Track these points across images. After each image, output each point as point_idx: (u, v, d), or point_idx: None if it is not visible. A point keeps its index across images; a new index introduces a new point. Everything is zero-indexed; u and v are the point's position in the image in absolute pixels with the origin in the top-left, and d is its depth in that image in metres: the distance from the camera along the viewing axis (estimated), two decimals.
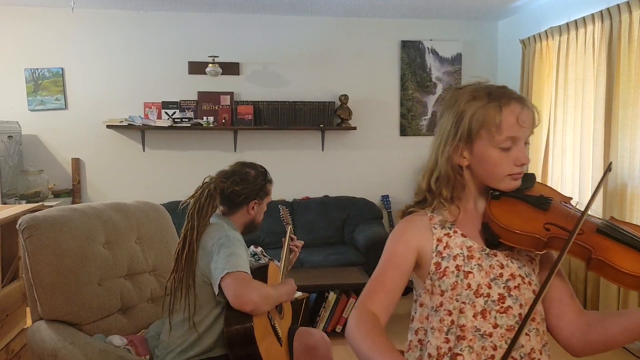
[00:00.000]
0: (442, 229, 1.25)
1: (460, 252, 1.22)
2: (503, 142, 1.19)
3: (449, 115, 1.25)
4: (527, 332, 1.21)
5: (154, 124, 4.86)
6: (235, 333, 1.90)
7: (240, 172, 2.15)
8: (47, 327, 2.06)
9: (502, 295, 1.20)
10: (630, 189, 3.57)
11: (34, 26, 4.81)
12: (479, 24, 5.45)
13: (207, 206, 2.02)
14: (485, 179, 1.25)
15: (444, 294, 1.22)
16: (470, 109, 1.21)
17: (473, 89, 1.24)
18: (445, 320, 1.21)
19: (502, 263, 1.22)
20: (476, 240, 1.25)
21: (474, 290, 1.20)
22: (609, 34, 3.70)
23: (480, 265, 1.21)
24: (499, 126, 1.18)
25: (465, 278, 1.20)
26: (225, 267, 1.88)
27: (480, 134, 1.20)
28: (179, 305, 2.00)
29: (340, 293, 3.87)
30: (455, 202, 1.27)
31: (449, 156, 1.24)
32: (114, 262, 2.31)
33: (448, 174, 1.24)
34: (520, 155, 1.21)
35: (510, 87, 1.26)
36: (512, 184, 1.24)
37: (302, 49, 5.20)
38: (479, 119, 1.19)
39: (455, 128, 1.22)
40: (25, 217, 2.15)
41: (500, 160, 1.21)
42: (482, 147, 1.21)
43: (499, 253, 1.23)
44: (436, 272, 1.23)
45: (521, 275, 1.23)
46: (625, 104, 3.57)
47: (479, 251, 1.23)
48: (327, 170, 5.33)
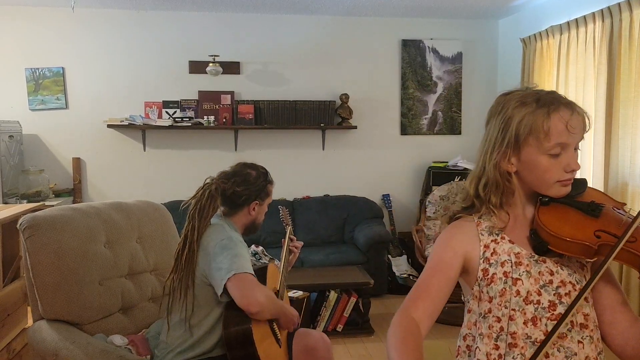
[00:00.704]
0: (489, 235, 1.25)
1: (507, 259, 1.21)
2: (552, 148, 1.18)
3: (496, 122, 1.23)
4: (581, 340, 1.19)
5: (154, 123, 4.86)
6: (233, 335, 1.90)
7: (242, 173, 2.15)
8: (48, 327, 2.06)
9: (553, 302, 1.19)
10: (631, 187, 3.57)
11: (35, 26, 4.81)
12: (479, 23, 5.44)
13: (208, 207, 2.02)
14: (534, 186, 1.23)
15: (492, 301, 1.21)
16: (518, 115, 1.19)
17: (521, 94, 1.23)
18: (494, 326, 1.20)
19: (552, 270, 1.21)
20: (524, 246, 1.23)
21: (523, 297, 1.19)
22: (609, 32, 3.70)
23: (529, 272, 1.20)
24: (547, 133, 1.17)
25: (514, 285, 1.19)
26: (232, 268, 1.88)
27: (528, 141, 1.18)
28: (177, 306, 2.00)
29: (341, 292, 3.87)
30: (504, 208, 1.26)
31: (496, 162, 1.22)
32: (115, 262, 2.31)
33: (497, 180, 1.23)
34: (571, 162, 1.19)
35: (554, 90, 1.24)
36: (562, 190, 1.22)
37: (302, 48, 5.20)
38: (527, 126, 1.18)
39: (502, 134, 1.21)
40: (26, 216, 2.15)
41: (549, 166, 1.19)
42: (531, 153, 1.19)
43: (548, 260, 1.22)
44: (484, 278, 1.22)
45: (572, 282, 1.21)
46: (626, 103, 3.57)
47: (527, 258, 1.22)
48: (327, 170, 5.33)
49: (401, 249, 5.01)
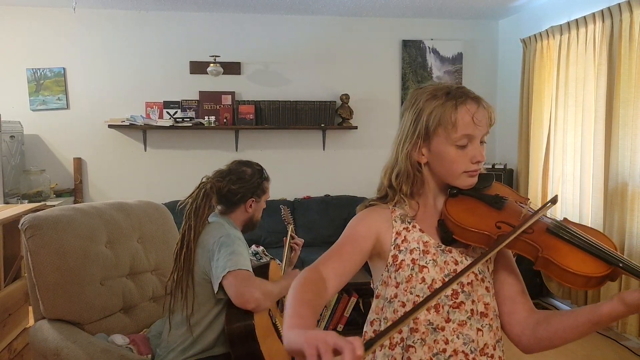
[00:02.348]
0: (401, 222, 1.29)
1: (416, 247, 1.26)
2: (459, 139, 1.23)
3: (409, 114, 1.29)
4: (480, 328, 1.24)
5: (155, 123, 4.87)
6: (236, 331, 1.91)
7: (237, 170, 2.15)
8: (50, 327, 2.07)
9: (455, 291, 1.23)
10: (631, 187, 3.58)
11: (36, 26, 4.82)
12: (479, 23, 5.45)
13: (204, 206, 2.03)
14: (443, 176, 1.28)
15: (398, 286, 1.24)
16: (429, 107, 1.24)
17: (433, 88, 1.28)
18: (398, 311, 1.24)
19: (457, 259, 1.26)
20: (433, 236, 1.28)
21: (428, 284, 1.22)
22: (609, 33, 3.71)
23: (435, 261, 1.24)
24: (454, 124, 1.22)
25: (420, 272, 1.23)
26: (227, 266, 1.89)
27: (437, 132, 1.24)
28: (178, 305, 2.01)
29: (341, 292, 3.88)
30: (415, 197, 1.31)
31: (408, 153, 1.28)
32: (116, 262, 2.32)
33: (407, 170, 1.28)
34: (476, 153, 1.25)
35: (463, 85, 1.30)
36: (469, 180, 1.27)
37: (303, 48, 5.21)
38: (436, 117, 1.23)
39: (414, 126, 1.26)
40: (27, 216, 2.16)
41: (456, 157, 1.24)
42: (440, 144, 1.25)
43: (454, 250, 1.26)
44: (393, 264, 1.26)
45: (474, 272, 1.25)
46: (626, 103, 3.57)
47: (434, 247, 1.26)
48: (328, 170, 5.33)
49: None
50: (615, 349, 3.61)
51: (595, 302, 3.87)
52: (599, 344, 3.65)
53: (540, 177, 4.58)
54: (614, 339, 3.71)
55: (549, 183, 4.51)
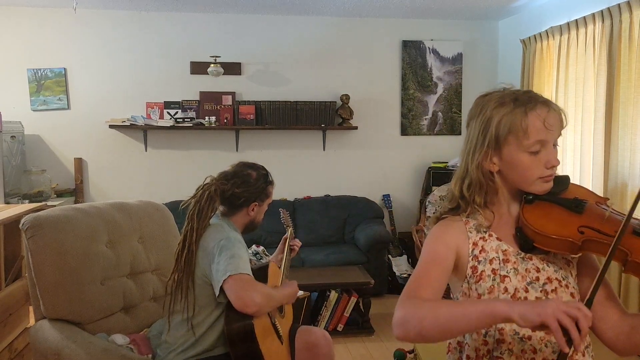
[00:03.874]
0: (477, 233, 1.26)
1: (495, 256, 1.23)
2: (531, 146, 1.20)
3: (476, 123, 1.26)
4: None
5: (156, 123, 4.88)
6: (235, 332, 1.92)
7: (242, 173, 2.13)
8: (50, 326, 2.07)
9: (540, 298, 1.20)
10: (631, 187, 3.58)
11: (37, 26, 4.83)
12: (479, 24, 5.45)
13: (207, 208, 2.02)
14: (517, 183, 1.25)
15: (480, 297, 1.22)
16: (497, 115, 1.21)
17: (499, 95, 1.25)
18: None
19: (538, 267, 1.23)
20: (511, 244, 1.25)
21: (511, 293, 1.20)
22: (609, 33, 3.71)
23: (516, 269, 1.22)
24: (525, 131, 1.19)
25: (502, 282, 1.21)
26: (227, 270, 1.89)
27: (508, 140, 1.21)
28: (179, 306, 2.00)
29: (342, 292, 3.88)
30: (489, 207, 1.28)
31: (479, 163, 1.24)
32: (117, 262, 2.32)
33: (480, 180, 1.25)
34: (550, 158, 1.22)
35: (530, 89, 1.27)
36: (544, 186, 1.24)
37: (303, 48, 5.21)
38: (505, 125, 1.20)
39: (483, 135, 1.23)
40: (28, 216, 2.16)
41: (530, 164, 1.21)
42: (511, 152, 1.21)
43: (534, 257, 1.24)
44: (473, 275, 1.23)
45: (558, 278, 1.23)
46: (626, 103, 3.58)
47: (514, 255, 1.23)
48: (328, 170, 5.34)
49: (401, 249, 5.02)
50: None
51: None
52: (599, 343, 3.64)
53: None
54: None
55: None
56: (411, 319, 1.10)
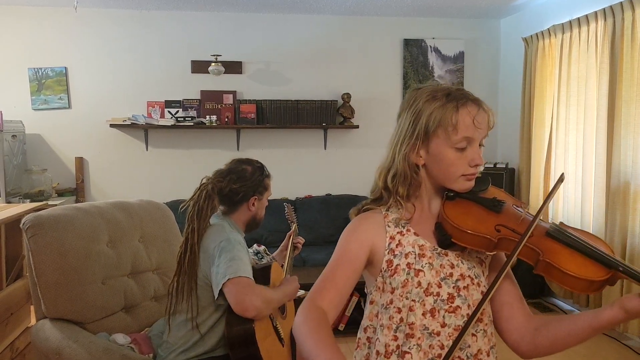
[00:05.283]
0: (395, 227, 1.27)
1: (412, 250, 1.23)
2: (459, 142, 1.21)
3: (407, 114, 1.27)
4: (474, 333, 1.23)
5: (157, 123, 4.87)
6: (236, 334, 1.90)
7: (237, 169, 2.13)
8: (51, 326, 2.07)
9: (452, 294, 1.22)
10: (634, 187, 3.57)
11: (37, 25, 4.82)
12: (481, 22, 5.44)
13: (206, 207, 2.01)
14: (440, 179, 1.26)
15: (394, 292, 1.22)
16: (428, 108, 1.22)
17: (432, 89, 1.26)
18: (394, 317, 1.22)
19: (453, 263, 1.24)
20: (428, 239, 1.26)
21: (424, 288, 1.21)
22: (611, 31, 3.70)
23: (431, 264, 1.23)
24: (455, 126, 1.20)
25: (416, 276, 1.21)
26: (227, 273, 1.87)
27: (437, 133, 1.22)
28: (181, 307, 2.00)
29: None
30: (411, 200, 1.29)
31: (405, 154, 1.25)
32: (118, 261, 2.32)
33: (405, 171, 1.26)
34: (475, 156, 1.23)
35: (462, 87, 1.29)
36: (466, 184, 1.26)
37: (304, 47, 5.21)
38: (436, 118, 1.21)
39: (412, 127, 1.24)
40: (29, 216, 2.16)
41: (455, 160, 1.22)
42: (439, 146, 1.23)
43: (450, 253, 1.25)
44: (388, 269, 1.23)
45: (470, 276, 1.24)
46: (628, 102, 3.57)
47: (430, 250, 1.24)
48: (329, 169, 5.33)
49: None
50: (617, 349, 3.61)
51: (597, 301, 3.86)
52: (600, 344, 3.64)
53: (542, 176, 4.57)
54: (616, 339, 3.71)
55: (551, 182, 4.50)
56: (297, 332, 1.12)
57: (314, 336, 1.07)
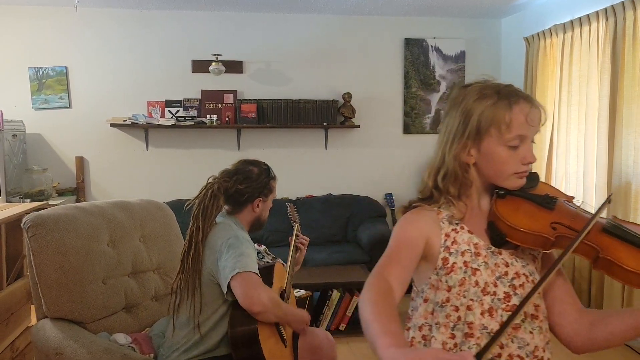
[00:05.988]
0: (449, 224, 1.25)
1: (467, 249, 1.22)
2: (512, 140, 1.20)
3: (455, 113, 1.24)
4: (531, 330, 1.21)
5: (157, 122, 4.87)
6: (239, 335, 1.90)
7: (243, 170, 2.14)
8: (52, 325, 2.07)
9: (508, 293, 1.21)
10: (635, 186, 3.56)
11: (38, 25, 4.82)
12: (482, 22, 5.44)
13: (212, 207, 2.02)
14: (492, 177, 1.25)
15: (450, 290, 1.21)
16: (479, 107, 1.20)
17: (481, 86, 1.24)
18: (451, 316, 1.21)
19: (507, 261, 1.23)
20: (482, 237, 1.25)
21: (481, 287, 1.20)
22: (613, 31, 3.69)
23: (487, 263, 1.22)
24: (508, 124, 1.19)
25: (473, 275, 1.21)
26: (236, 267, 1.88)
27: (489, 132, 1.20)
28: (184, 306, 2.00)
29: (344, 291, 3.87)
30: (462, 199, 1.27)
31: (456, 154, 1.23)
32: (118, 261, 2.32)
33: (456, 171, 1.24)
34: (528, 154, 1.22)
35: (514, 85, 1.27)
36: (518, 182, 1.24)
37: (305, 47, 5.20)
38: (488, 117, 1.20)
39: (463, 126, 1.22)
40: (29, 215, 2.16)
41: (508, 158, 1.21)
42: (491, 145, 1.21)
43: (503, 251, 1.24)
44: (443, 267, 1.22)
45: (525, 274, 1.23)
46: (630, 101, 3.56)
47: (484, 249, 1.23)
48: (330, 169, 5.33)
49: None
50: (620, 349, 3.59)
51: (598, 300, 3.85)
52: None
53: (543, 175, 4.56)
54: None
55: (552, 182, 4.50)
56: (362, 296, 1.09)
57: (377, 318, 1.02)
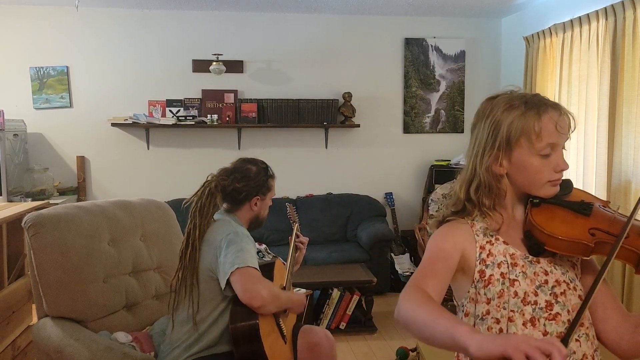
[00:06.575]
0: (484, 236, 1.25)
1: (504, 260, 1.22)
2: (543, 149, 1.20)
3: (484, 125, 1.24)
4: (577, 338, 1.20)
5: (158, 122, 4.88)
6: (240, 330, 1.91)
7: (241, 168, 2.15)
8: (53, 324, 2.08)
9: (549, 302, 1.20)
10: (635, 185, 3.57)
11: (39, 25, 4.83)
12: (482, 21, 5.44)
13: (209, 204, 2.03)
14: (525, 187, 1.25)
15: (490, 302, 1.21)
16: (508, 117, 1.20)
17: (508, 97, 1.24)
18: (493, 328, 1.20)
19: (546, 270, 1.22)
20: (518, 247, 1.24)
21: (521, 298, 1.19)
22: (613, 30, 3.69)
23: (525, 273, 1.21)
24: (538, 134, 1.19)
25: (512, 286, 1.20)
26: (235, 262, 1.89)
27: (519, 142, 1.20)
28: (183, 303, 2.01)
29: (344, 290, 3.88)
30: (497, 209, 1.27)
31: (488, 165, 1.23)
32: (119, 260, 2.32)
33: (489, 183, 1.24)
34: (560, 161, 1.22)
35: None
36: (552, 190, 1.24)
37: (305, 46, 5.21)
38: (518, 128, 1.19)
39: (492, 137, 1.22)
40: (30, 214, 2.17)
41: (540, 167, 1.21)
42: (522, 155, 1.21)
43: (541, 260, 1.23)
44: (481, 280, 1.22)
45: (566, 281, 1.22)
46: (630, 101, 3.56)
47: (522, 258, 1.22)
48: (330, 168, 5.33)
49: (404, 247, 5.01)
50: None
51: None
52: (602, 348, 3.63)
53: None
54: None
55: None
56: (403, 307, 1.09)
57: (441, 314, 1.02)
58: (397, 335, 3.82)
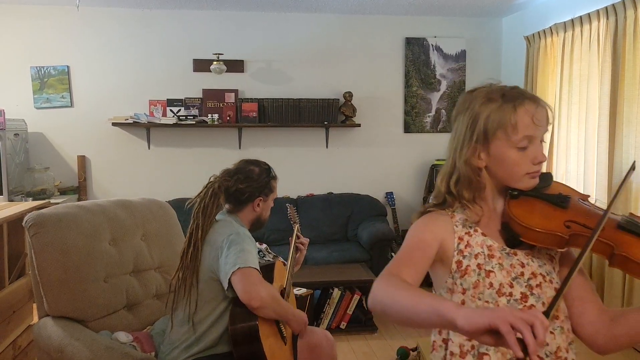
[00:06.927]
0: (463, 227, 1.26)
1: (481, 251, 1.23)
2: (520, 141, 1.20)
3: (463, 118, 1.25)
4: (552, 331, 1.21)
5: (159, 121, 4.88)
6: (240, 331, 1.91)
7: (244, 169, 2.16)
8: (54, 324, 2.08)
9: (525, 294, 1.21)
10: (636, 185, 3.57)
11: (40, 24, 4.83)
12: (483, 21, 5.44)
13: (212, 205, 2.04)
14: (504, 179, 1.26)
15: (465, 293, 1.22)
16: (485, 110, 1.21)
17: (486, 90, 1.25)
18: None
19: (523, 262, 1.23)
20: (496, 239, 1.25)
21: (496, 289, 1.20)
22: (614, 30, 3.69)
23: (501, 265, 1.22)
24: (515, 126, 1.19)
25: (487, 277, 1.21)
26: (237, 262, 1.90)
27: (496, 135, 1.21)
28: (182, 303, 2.01)
29: (345, 290, 3.88)
30: (477, 202, 1.28)
31: (466, 158, 1.25)
32: (120, 259, 2.32)
33: (468, 175, 1.25)
34: (538, 154, 1.22)
35: (517, 85, 1.28)
36: (531, 182, 1.25)
37: (306, 46, 5.21)
38: (494, 120, 1.20)
39: (470, 130, 1.23)
40: (31, 214, 2.17)
41: (518, 159, 1.22)
42: (500, 147, 1.22)
43: (519, 252, 1.24)
44: (457, 270, 1.23)
45: (542, 273, 1.23)
46: (630, 100, 3.56)
47: (499, 250, 1.24)
48: (331, 167, 5.33)
49: None
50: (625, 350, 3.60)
51: None
52: None
53: None
54: None
55: None
56: (378, 293, 1.10)
57: (422, 293, 1.02)
58: (397, 334, 3.82)
